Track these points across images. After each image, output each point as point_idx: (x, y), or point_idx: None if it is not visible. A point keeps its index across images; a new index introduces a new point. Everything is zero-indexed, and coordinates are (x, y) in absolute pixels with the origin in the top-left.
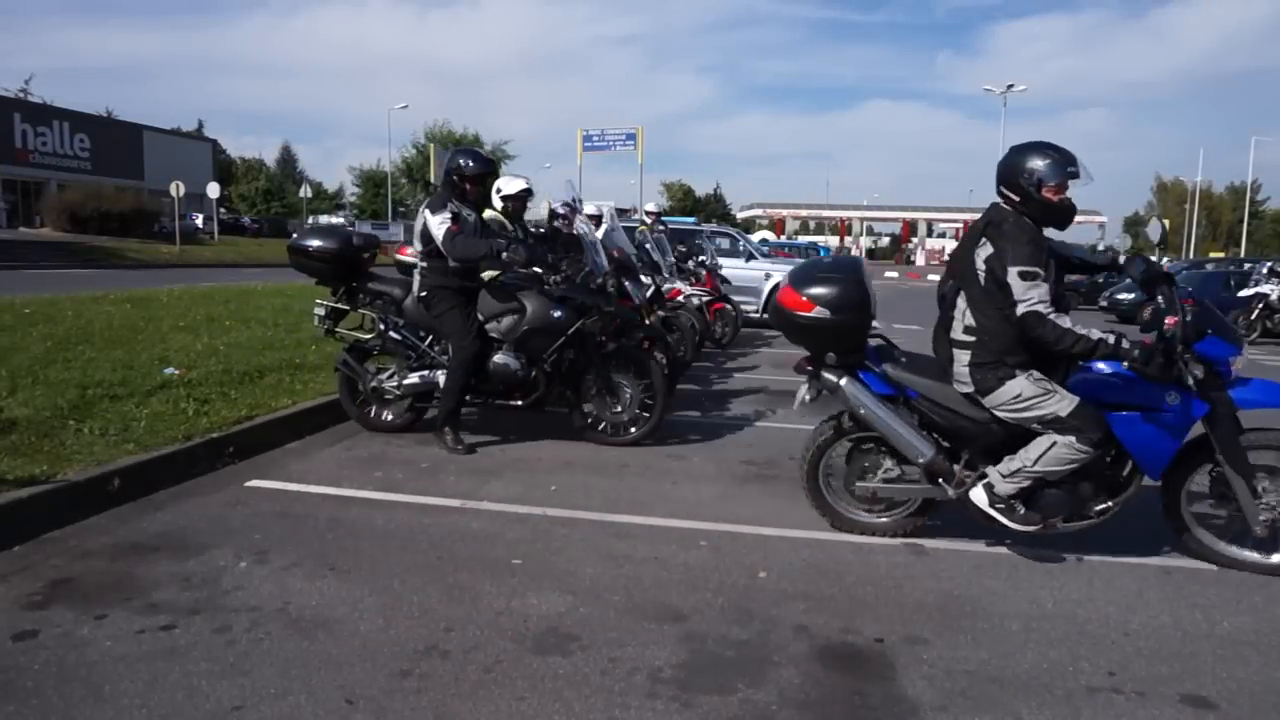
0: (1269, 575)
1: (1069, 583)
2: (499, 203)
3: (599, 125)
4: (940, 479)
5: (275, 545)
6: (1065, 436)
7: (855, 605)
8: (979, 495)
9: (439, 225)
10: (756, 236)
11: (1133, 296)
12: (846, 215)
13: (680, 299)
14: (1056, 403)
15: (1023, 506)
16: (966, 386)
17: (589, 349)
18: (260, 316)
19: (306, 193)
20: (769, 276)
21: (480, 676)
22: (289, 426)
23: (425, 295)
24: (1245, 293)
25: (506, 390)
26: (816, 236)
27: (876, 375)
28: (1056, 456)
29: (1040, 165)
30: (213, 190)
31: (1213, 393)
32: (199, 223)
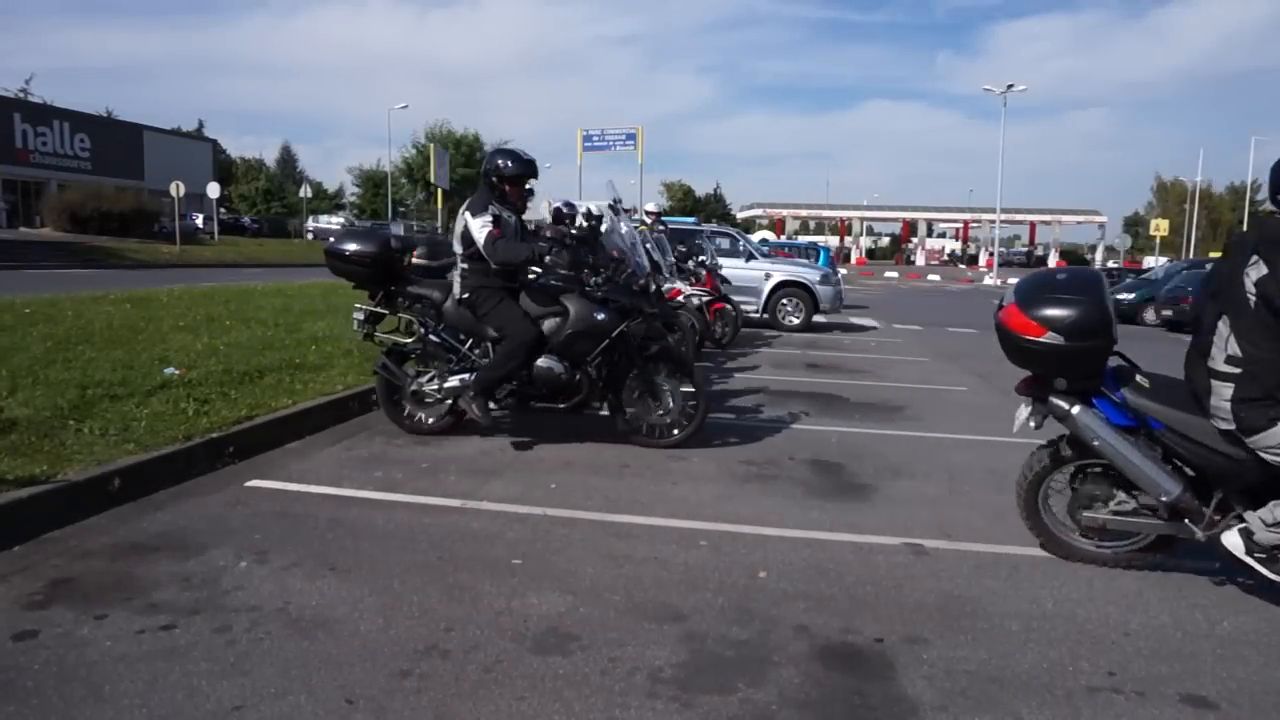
0: None
1: (1069, 583)
2: None
3: (599, 125)
4: (1187, 518)
5: (275, 545)
6: None
7: (855, 605)
8: (1233, 541)
9: (480, 229)
10: (756, 236)
11: (1133, 297)
12: (846, 215)
13: (680, 299)
14: None
15: None
16: (1226, 423)
17: (631, 351)
18: (260, 316)
19: (306, 193)
20: (769, 276)
21: (480, 676)
22: (289, 426)
23: (468, 297)
24: None
25: (549, 393)
26: (816, 236)
27: (1114, 404)
28: None
29: None
30: (213, 190)
31: None
32: (199, 223)
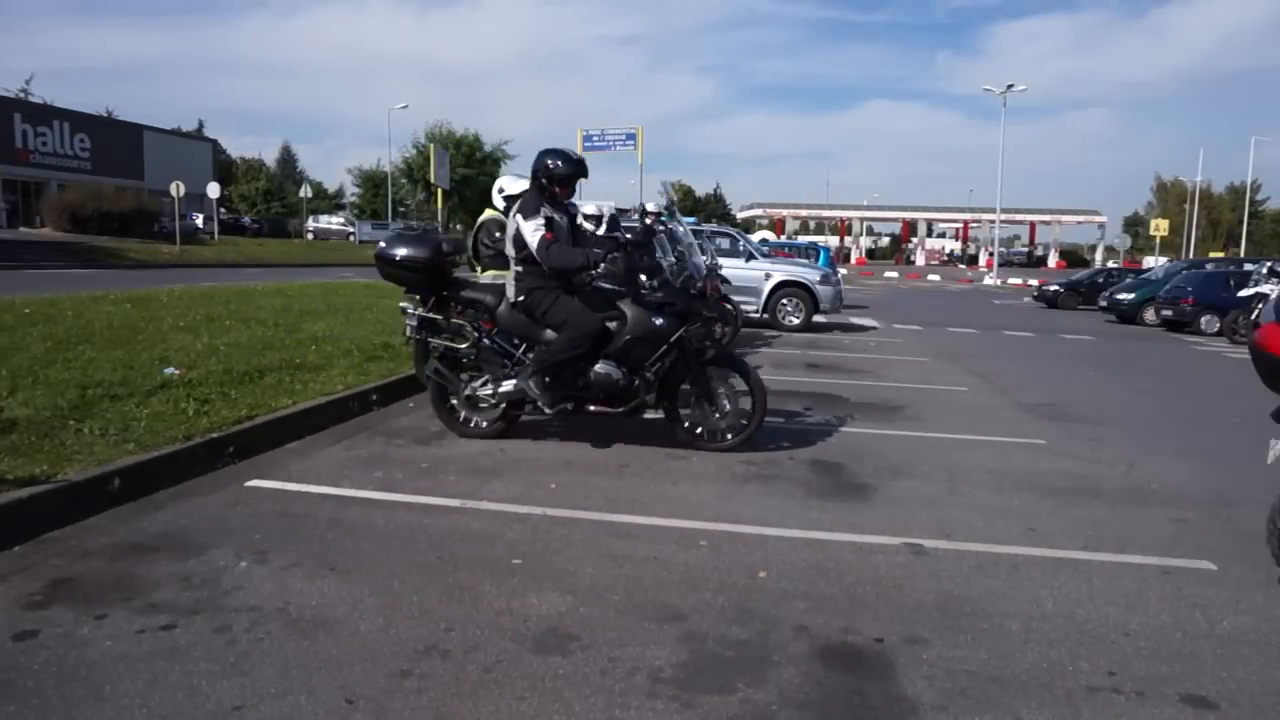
0: None
1: (1069, 583)
2: (500, 202)
3: (599, 125)
4: None
5: (275, 545)
6: None
7: (855, 605)
8: None
9: (533, 232)
10: (756, 236)
11: (1133, 297)
12: (846, 215)
13: None
14: None
15: None
16: None
17: (688, 355)
18: (260, 316)
19: (306, 193)
20: (769, 276)
21: (480, 676)
22: (289, 426)
23: (524, 299)
24: (1245, 293)
25: (606, 398)
26: (816, 236)
27: None
28: None
29: None
30: (213, 190)
31: None
32: (199, 223)
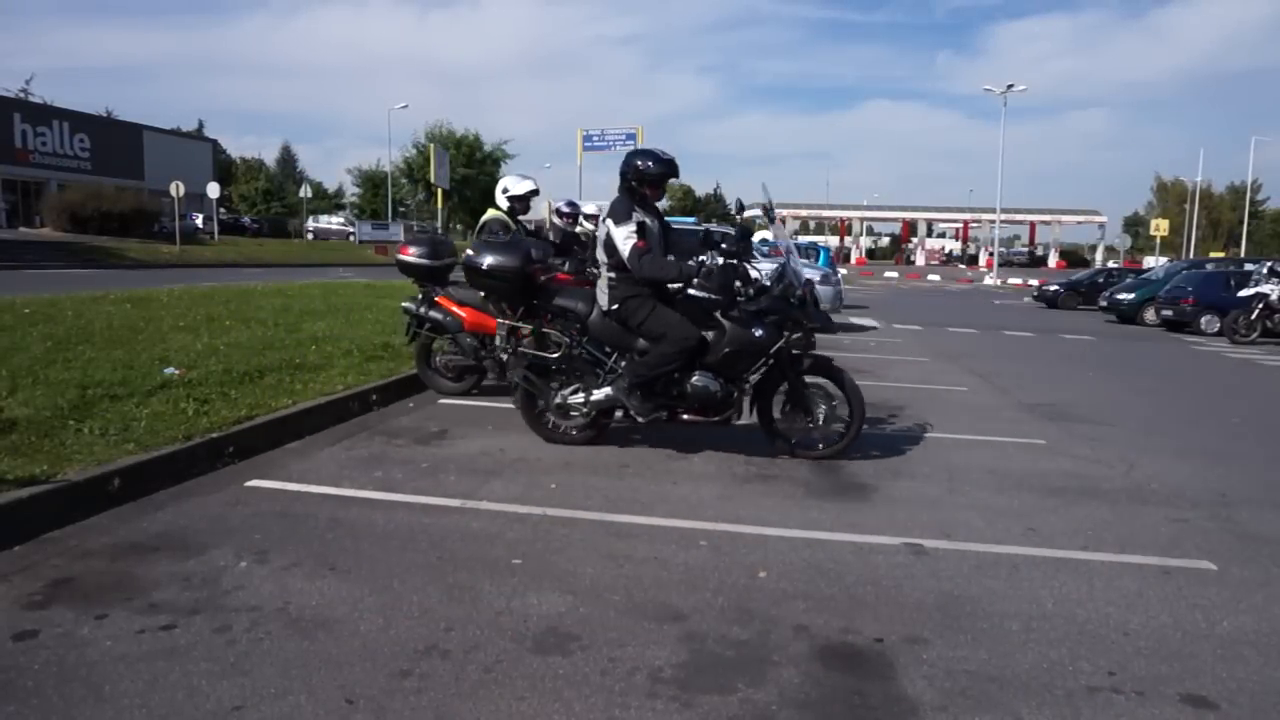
0: None
1: (1069, 583)
2: (504, 202)
3: (599, 125)
4: None
5: (275, 545)
6: None
7: (855, 605)
8: None
9: (624, 240)
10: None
11: (1133, 297)
12: (846, 215)
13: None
14: None
15: None
16: None
17: (784, 364)
18: (260, 316)
19: (306, 193)
20: None
21: (480, 676)
22: (289, 426)
23: (618, 308)
24: (1245, 293)
25: (701, 408)
26: (816, 236)
27: None
28: None
29: None
30: (213, 190)
31: None
32: (199, 223)
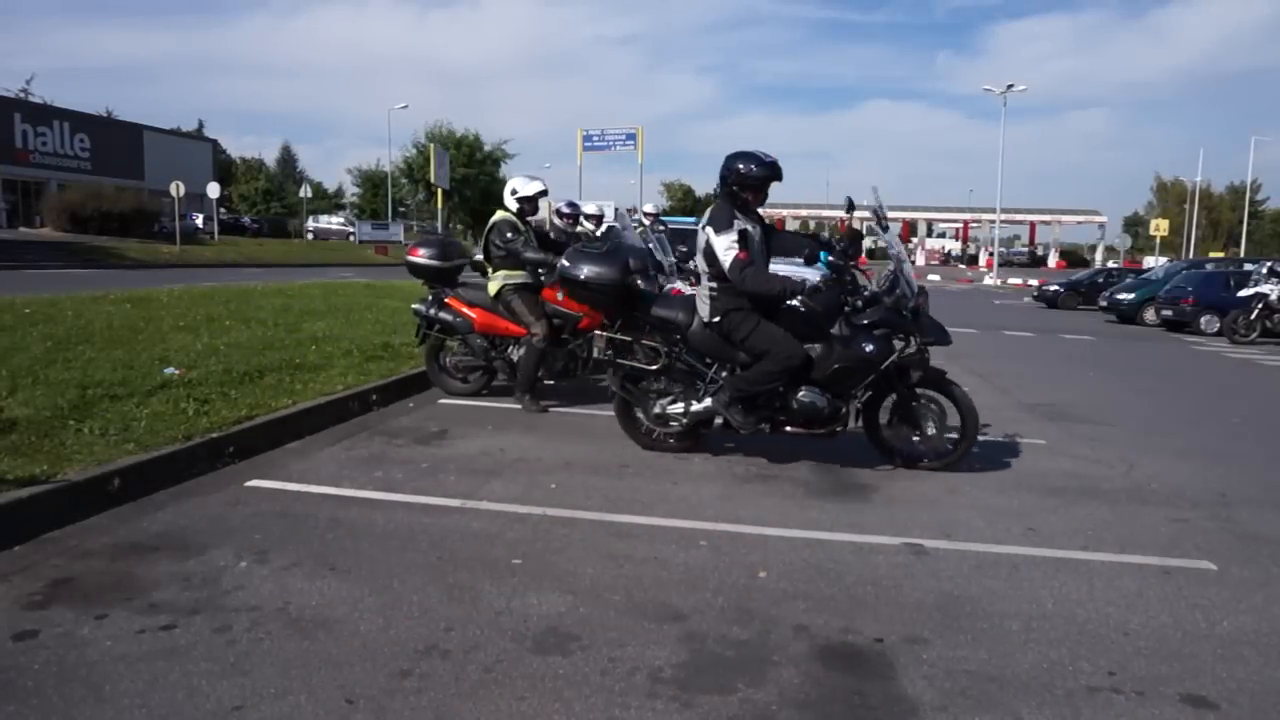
0: None
1: (1069, 583)
2: (513, 203)
3: (599, 125)
4: None
5: (275, 545)
6: None
7: (855, 605)
8: None
9: (725, 250)
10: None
11: (1133, 297)
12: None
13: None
14: None
15: None
16: None
17: (892, 377)
18: (260, 316)
19: (306, 193)
20: None
21: (480, 676)
22: (289, 426)
23: (719, 321)
24: (1245, 293)
25: (806, 422)
26: None
27: None
28: None
29: None
30: (213, 190)
31: None
32: (199, 223)
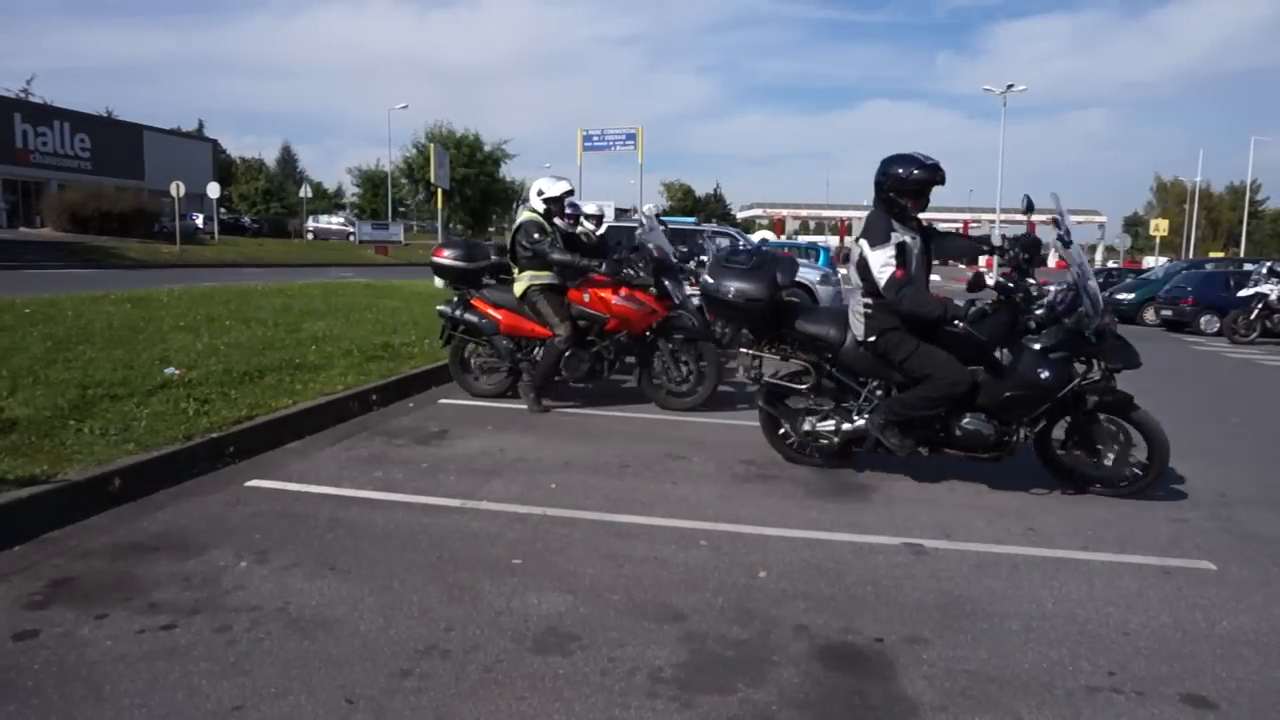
0: None
1: (1069, 583)
2: (539, 204)
3: (599, 125)
4: None
5: (275, 545)
6: None
7: (855, 605)
8: None
9: (882, 267)
10: (756, 236)
11: (1133, 297)
12: (846, 215)
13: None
14: None
15: None
16: None
17: (1067, 401)
18: (260, 316)
19: (306, 193)
20: None
21: (480, 676)
22: (289, 426)
23: (875, 340)
24: (1245, 293)
25: (968, 447)
26: (816, 236)
27: None
28: None
29: None
30: (213, 190)
31: None
32: (199, 223)
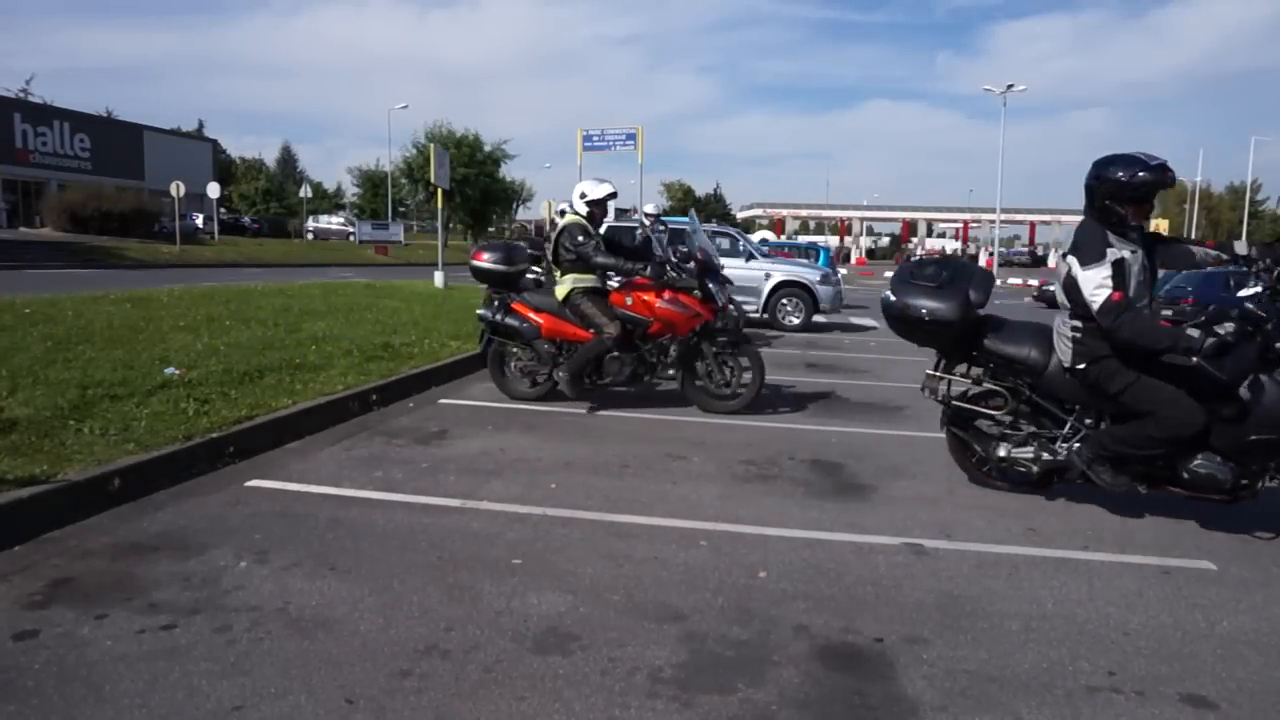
0: None
1: (1069, 583)
2: (582, 207)
3: (599, 125)
4: None
5: (275, 545)
6: None
7: (855, 605)
8: None
9: (1095, 290)
10: (756, 236)
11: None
12: (846, 215)
13: None
14: None
15: None
16: None
17: None
18: (260, 316)
19: (306, 193)
20: (769, 276)
21: (480, 676)
22: (289, 426)
23: (1086, 368)
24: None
25: (1197, 488)
26: (816, 236)
27: None
28: None
29: None
30: (213, 190)
31: None
32: (199, 223)
